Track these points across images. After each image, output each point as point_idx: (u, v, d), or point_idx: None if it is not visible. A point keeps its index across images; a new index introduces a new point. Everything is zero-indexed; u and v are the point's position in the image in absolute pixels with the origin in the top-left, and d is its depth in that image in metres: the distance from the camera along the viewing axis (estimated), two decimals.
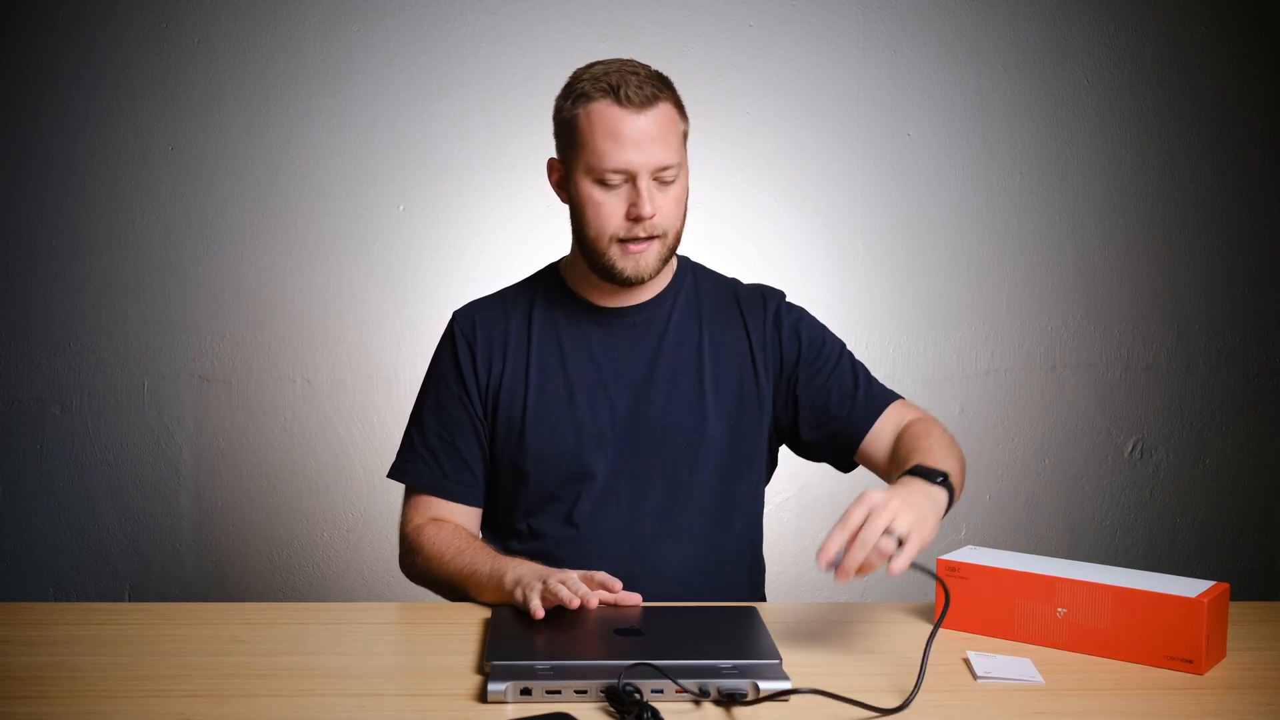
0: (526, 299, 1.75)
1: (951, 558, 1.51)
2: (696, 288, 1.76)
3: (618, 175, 1.59)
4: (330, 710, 1.25)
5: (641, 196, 1.59)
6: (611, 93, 1.59)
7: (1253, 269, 2.89)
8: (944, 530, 2.94)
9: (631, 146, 1.58)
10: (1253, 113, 2.86)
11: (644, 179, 1.59)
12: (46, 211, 2.78)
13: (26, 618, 1.52)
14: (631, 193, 1.60)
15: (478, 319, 1.74)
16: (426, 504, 1.73)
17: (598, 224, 1.62)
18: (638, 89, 1.58)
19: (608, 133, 1.58)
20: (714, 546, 1.71)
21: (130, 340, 2.80)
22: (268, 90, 2.77)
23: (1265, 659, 1.41)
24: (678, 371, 1.70)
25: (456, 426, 1.71)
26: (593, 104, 1.60)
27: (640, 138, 1.58)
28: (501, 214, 2.78)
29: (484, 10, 2.77)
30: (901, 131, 2.84)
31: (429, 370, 1.77)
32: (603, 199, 1.61)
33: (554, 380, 1.69)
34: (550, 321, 1.72)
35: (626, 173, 1.59)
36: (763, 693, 1.25)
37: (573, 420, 1.68)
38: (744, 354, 1.73)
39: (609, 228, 1.62)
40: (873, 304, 2.84)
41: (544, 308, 1.73)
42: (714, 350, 1.72)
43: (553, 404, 1.69)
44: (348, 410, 2.81)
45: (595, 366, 1.70)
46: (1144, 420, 2.91)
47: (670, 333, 1.72)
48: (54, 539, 2.83)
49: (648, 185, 1.59)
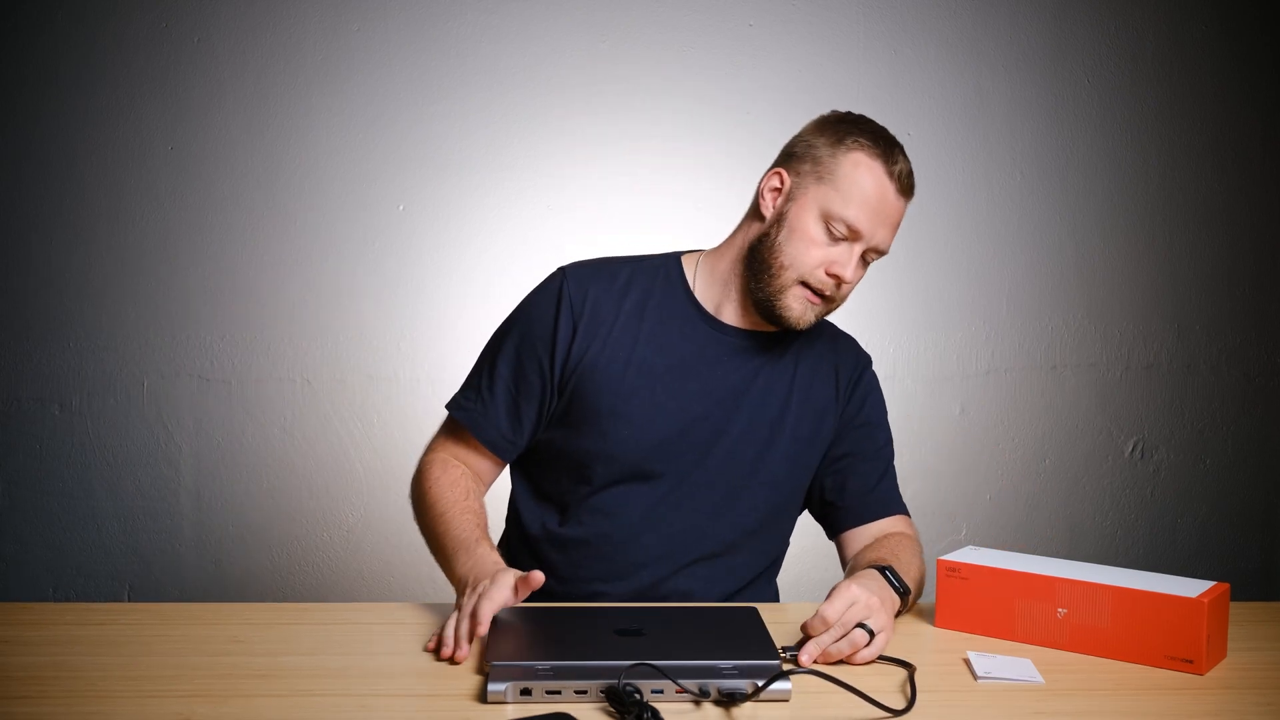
0: (645, 286, 1.70)
1: (951, 558, 1.51)
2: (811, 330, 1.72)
3: (849, 232, 1.59)
4: (330, 710, 1.25)
5: (852, 261, 1.59)
6: (887, 160, 1.59)
7: (1253, 269, 2.89)
8: (944, 530, 2.96)
9: (879, 219, 1.59)
10: (1253, 112, 2.86)
11: (860, 248, 1.60)
12: (46, 211, 2.78)
13: (26, 618, 1.52)
14: (845, 253, 1.59)
15: (591, 289, 1.68)
16: (461, 441, 1.71)
17: (800, 259, 1.60)
18: (909, 176, 1.61)
19: (869, 194, 1.58)
20: (741, 576, 1.71)
21: (130, 340, 2.80)
22: (268, 90, 2.77)
23: (1265, 659, 1.41)
24: (764, 406, 1.68)
25: (528, 389, 1.67)
26: (868, 157, 1.59)
27: (889, 217, 1.60)
28: (501, 214, 2.78)
29: (484, 10, 2.77)
30: (901, 131, 2.81)
31: (519, 313, 1.71)
32: (820, 240, 1.60)
33: (649, 379, 1.65)
34: (663, 318, 1.68)
35: (857, 236, 1.59)
36: (763, 693, 1.25)
37: (651, 422, 1.65)
38: (829, 403, 1.72)
39: (806, 268, 1.60)
40: (873, 304, 2.84)
41: (660, 303, 1.69)
42: (802, 391, 1.70)
43: (637, 401, 1.65)
44: (348, 410, 2.80)
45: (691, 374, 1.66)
46: (1144, 420, 2.91)
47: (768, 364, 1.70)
48: (54, 539, 2.83)
49: (858, 256, 1.60)
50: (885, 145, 1.61)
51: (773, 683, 1.25)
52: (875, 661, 1.38)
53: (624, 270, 1.71)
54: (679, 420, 1.66)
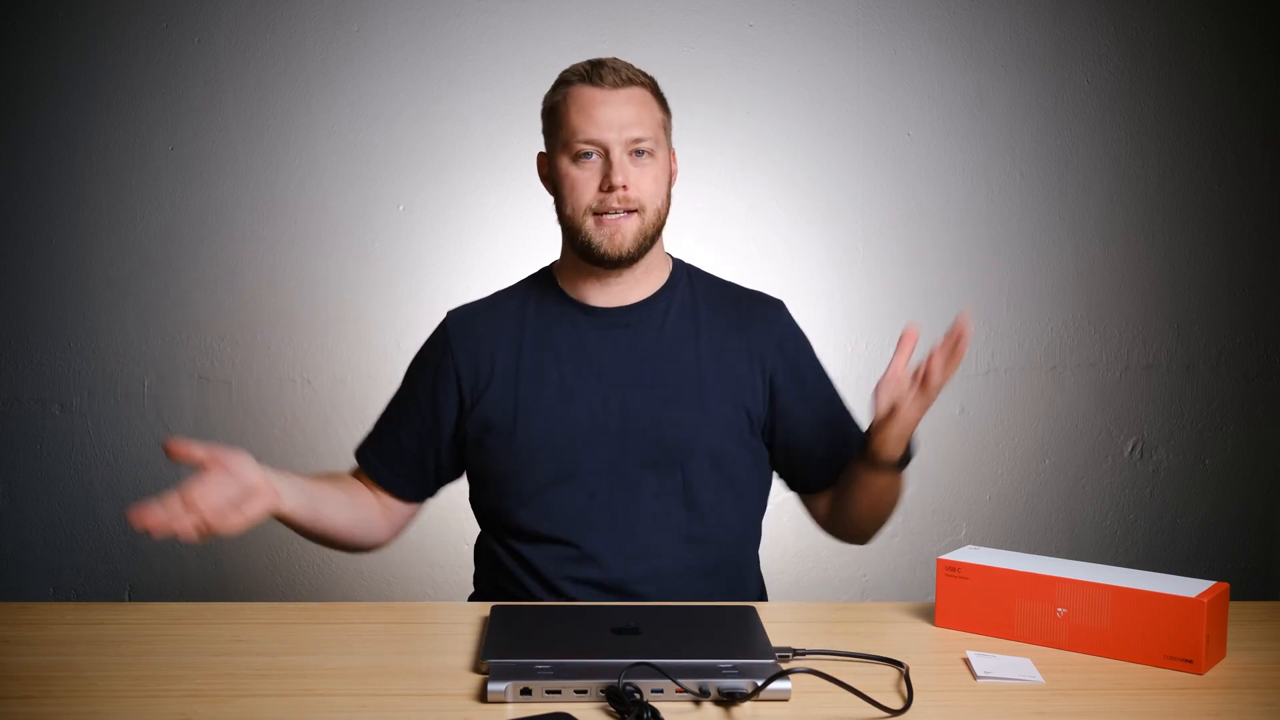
0: (520, 300, 1.77)
1: (951, 558, 1.51)
2: (693, 291, 1.76)
3: (591, 146, 1.64)
4: (330, 710, 1.25)
5: (613, 166, 1.63)
6: (588, 76, 1.66)
7: (1253, 269, 2.89)
8: (944, 530, 2.96)
9: (603, 119, 1.63)
10: (1253, 112, 2.86)
11: (616, 151, 1.63)
12: (46, 211, 2.78)
13: (26, 618, 1.52)
14: (605, 165, 1.64)
15: (470, 320, 1.76)
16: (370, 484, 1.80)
17: (573, 199, 1.66)
18: (613, 71, 1.65)
19: (580, 108, 1.64)
20: (707, 548, 1.70)
21: (130, 340, 2.80)
22: (268, 90, 2.77)
23: (1265, 659, 1.41)
24: (673, 373, 1.70)
25: (407, 424, 1.77)
26: (570, 87, 1.67)
27: (612, 112, 1.64)
28: (501, 214, 2.78)
29: (484, 10, 2.77)
30: (901, 131, 2.84)
31: (413, 365, 1.81)
32: (578, 174, 1.65)
33: (547, 378, 1.70)
34: (543, 321, 1.73)
35: (599, 144, 1.64)
36: (763, 693, 1.25)
37: (565, 418, 1.68)
38: (743, 362, 1.72)
39: (583, 200, 1.65)
40: (873, 304, 2.84)
41: (537, 308, 1.75)
42: (712, 356, 1.71)
43: (544, 402, 1.69)
44: (348, 410, 2.81)
45: (588, 365, 1.70)
46: (1144, 420, 2.91)
47: (666, 334, 1.72)
48: (54, 539, 2.83)
49: (620, 157, 1.63)
50: (581, 66, 1.68)
51: (772, 682, 1.25)
52: (871, 661, 1.38)
53: (497, 297, 1.80)
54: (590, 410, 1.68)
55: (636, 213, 1.65)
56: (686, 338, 1.72)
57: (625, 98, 1.65)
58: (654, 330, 1.72)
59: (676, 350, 1.71)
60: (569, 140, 1.65)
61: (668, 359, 1.70)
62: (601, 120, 1.63)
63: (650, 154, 1.65)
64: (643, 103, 1.66)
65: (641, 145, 1.64)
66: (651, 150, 1.65)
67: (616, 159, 1.63)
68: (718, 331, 1.73)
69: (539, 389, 1.69)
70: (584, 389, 1.69)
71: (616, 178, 1.62)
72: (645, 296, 1.73)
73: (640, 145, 1.64)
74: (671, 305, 1.74)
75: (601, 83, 1.64)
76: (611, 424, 1.68)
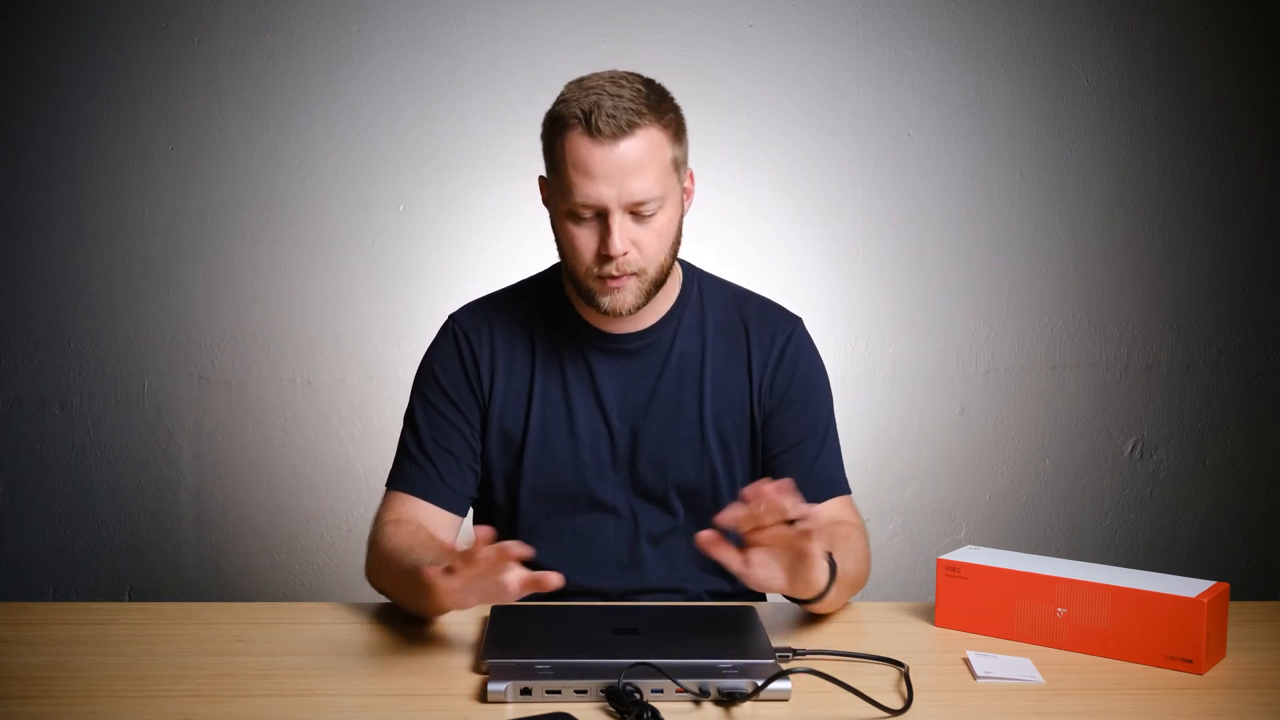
0: (528, 311, 1.69)
1: (951, 558, 1.51)
2: (702, 309, 1.69)
3: (588, 210, 1.52)
4: (330, 710, 1.25)
5: (611, 234, 1.51)
6: (583, 122, 1.50)
7: (1253, 269, 2.89)
8: (944, 530, 2.96)
9: (602, 181, 1.50)
10: (1253, 113, 2.86)
11: (616, 215, 1.51)
12: (46, 211, 2.78)
13: (26, 618, 1.52)
14: (603, 229, 1.52)
15: (479, 322, 1.69)
16: (405, 506, 1.64)
17: (572, 257, 1.56)
18: (610, 117, 1.49)
19: (576, 164, 1.50)
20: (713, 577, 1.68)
21: (130, 340, 2.80)
22: (268, 90, 2.77)
23: (1265, 659, 1.41)
24: (678, 405, 1.66)
25: (452, 430, 1.66)
26: (566, 133, 1.51)
27: (612, 171, 1.49)
28: (501, 214, 2.78)
29: (484, 10, 2.77)
30: (901, 131, 2.83)
31: (421, 372, 1.71)
32: (575, 232, 1.54)
33: (555, 406, 1.65)
34: (553, 343, 1.66)
35: (596, 208, 1.51)
36: (763, 693, 1.25)
37: (573, 449, 1.64)
38: (744, 390, 1.68)
39: (583, 261, 1.55)
40: (873, 304, 2.84)
41: (546, 326, 1.67)
42: (715, 383, 1.67)
43: (553, 431, 1.65)
44: (348, 410, 2.80)
45: (596, 395, 1.65)
46: (1144, 420, 2.91)
47: (672, 362, 1.66)
48: (54, 539, 2.83)
49: (620, 221, 1.51)
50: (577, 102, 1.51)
51: (772, 682, 1.25)
52: (871, 661, 1.38)
53: (504, 300, 1.71)
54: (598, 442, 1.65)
55: (636, 275, 1.55)
56: (692, 367, 1.67)
57: (625, 151, 1.49)
58: (659, 360, 1.66)
59: (682, 378, 1.66)
60: (566, 196, 1.53)
61: (673, 392, 1.66)
62: (600, 178, 1.49)
63: (655, 211, 1.53)
64: (647, 151, 1.51)
65: (644, 209, 1.52)
66: (655, 206, 1.53)
67: (615, 224, 1.51)
68: (721, 353, 1.68)
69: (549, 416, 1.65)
70: (593, 419, 1.65)
71: (615, 246, 1.51)
72: (654, 321, 1.67)
73: (643, 209, 1.52)
74: (680, 329, 1.68)
75: (600, 135, 1.49)
76: (620, 457, 1.65)
